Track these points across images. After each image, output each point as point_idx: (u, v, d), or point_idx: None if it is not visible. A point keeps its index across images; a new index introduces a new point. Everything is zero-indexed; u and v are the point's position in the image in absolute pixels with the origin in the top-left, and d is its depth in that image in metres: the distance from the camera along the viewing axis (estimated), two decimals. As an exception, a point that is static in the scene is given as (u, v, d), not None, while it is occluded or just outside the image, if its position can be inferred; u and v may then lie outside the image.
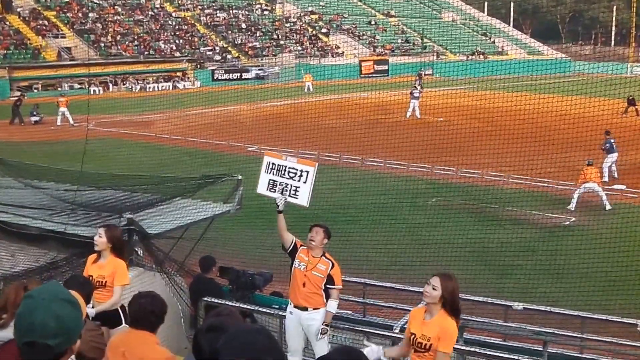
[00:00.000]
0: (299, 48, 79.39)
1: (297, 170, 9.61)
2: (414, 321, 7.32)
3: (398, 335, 9.63)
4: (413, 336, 7.19)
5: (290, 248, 9.64)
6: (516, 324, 11.44)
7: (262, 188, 9.98)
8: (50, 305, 3.06)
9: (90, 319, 8.70)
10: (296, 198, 9.60)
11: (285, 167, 9.71)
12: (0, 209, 12.55)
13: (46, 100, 45.81)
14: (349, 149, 29.33)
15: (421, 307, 7.57)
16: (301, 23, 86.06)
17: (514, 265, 16.93)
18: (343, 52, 79.20)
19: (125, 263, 9.45)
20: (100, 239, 9.11)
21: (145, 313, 6.02)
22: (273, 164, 9.89)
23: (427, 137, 26.22)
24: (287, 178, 9.66)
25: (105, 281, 9.05)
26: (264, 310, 11.02)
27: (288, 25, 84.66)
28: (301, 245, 9.56)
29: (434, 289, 7.03)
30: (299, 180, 9.56)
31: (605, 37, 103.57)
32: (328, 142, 28.80)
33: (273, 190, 9.75)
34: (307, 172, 9.59)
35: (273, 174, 9.81)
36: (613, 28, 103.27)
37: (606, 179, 25.79)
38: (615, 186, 24.96)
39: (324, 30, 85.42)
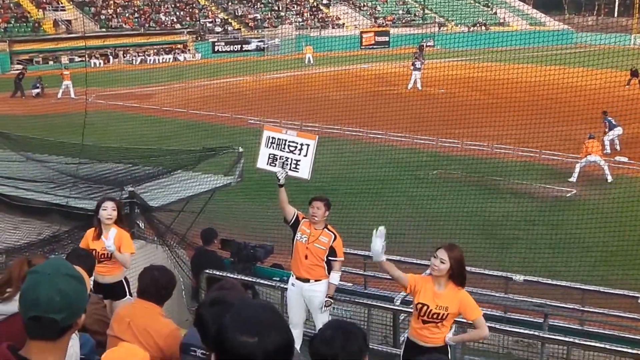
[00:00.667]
0: (300, 19, 78.93)
1: (297, 143, 9.56)
2: (424, 292, 7.33)
3: (399, 308, 9.71)
4: (425, 307, 7.25)
5: (292, 220, 9.64)
6: (517, 296, 11.46)
7: (262, 163, 9.94)
8: (55, 280, 3.07)
9: (109, 254, 8.89)
10: (297, 172, 9.57)
11: (285, 140, 9.66)
12: (3, 182, 12.59)
13: (47, 73, 45.77)
14: (350, 121, 29.24)
15: (425, 277, 7.62)
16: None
17: (515, 237, 17.00)
18: (344, 24, 78.67)
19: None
20: (114, 212, 9.12)
21: (156, 286, 6.04)
22: (273, 138, 9.84)
23: (429, 109, 26.20)
24: (287, 152, 9.62)
25: (111, 253, 9.05)
26: (266, 282, 11.05)
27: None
28: (303, 218, 9.56)
29: (442, 262, 7.12)
30: (299, 154, 9.53)
31: (608, 7, 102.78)
32: (329, 114, 28.81)
33: (273, 165, 9.72)
34: (308, 145, 9.55)
35: (273, 148, 9.77)
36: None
37: (608, 150, 25.88)
38: (617, 158, 24.95)
39: (324, 2, 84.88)
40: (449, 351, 7.49)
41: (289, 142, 9.60)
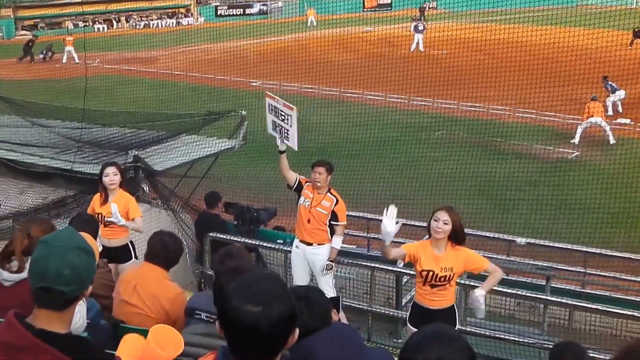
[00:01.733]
0: (302, -18, 78.55)
1: (284, 113, 9.54)
2: (425, 258, 7.34)
3: (403, 270, 9.77)
4: (431, 272, 7.28)
5: (295, 185, 9.69)
6: (519, 258, 11.55)
7: (270, 128, 9.90)
8: (65, 253, 3.10)
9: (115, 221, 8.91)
10: (288, 140, 9.59)
11: (278, 109, 9.65)
12: (9, 147, 12.66)
13: (52, 39, 45.88)
14: (352, 83, 29.12)
15: (423, 243, 7.62)
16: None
17: (517, 198, 17.04)
18: (347, -14, 78.31)
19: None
20: (117, 177, 9.15)
21: (166, 251, 6.11)
22: (271, 105, 9.85)
23: (431, 71, 26.08)
24: (280, 120, 9.64)
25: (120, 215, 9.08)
26: (269, 245, 11.12)
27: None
28: (306, 182, 9.61)
29: (445, 223, 7.15)
30: (287, 124, 9.52)
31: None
32: (331, 77, 28.66)
33: (276, 131, 9.77)
34: (290, 116, 9.50)
35: (273, 115, 9.79)
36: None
37: (610, 112, 25.80)
38: (620, 120, 24.91)
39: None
40: (456, 311, 7.55)
41: (280, 110, 9.57)
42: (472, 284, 8.61)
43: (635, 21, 34.89)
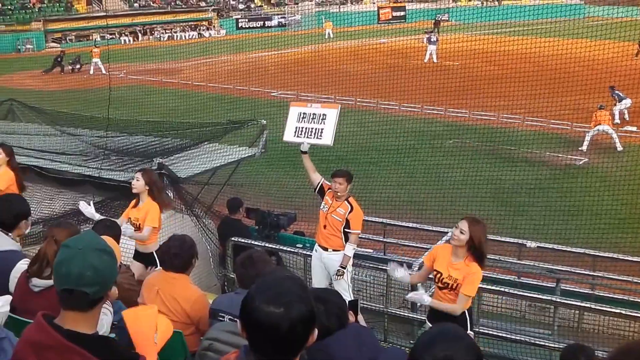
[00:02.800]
0: (320, -4, 79.13)
1: (322, 114, 9.88)
2: (441, 259, 7.46)
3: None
4: (439, 274, 7.40)
5: (317, 189, 9.94)
6: (530, 261, 11.68)
7: (288, 135, 10.21)
8: (87, 255, 3.17)
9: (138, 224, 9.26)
10: (320, 139, 9.86)
11: (312, 113, 10.00)
12: (39, 155, 12.97)
13: (79, 50, 46.66)
14: (367, 93, 29.47)
15: (446, 245, 7.77)
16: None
17: (528, 204, 17.16)
18: (362, 0, 78.74)
19: (163, 205, 9.68)
20: (138, 182, 9.37)
21: (170, 256, 6.26)
22: (299, 112, 10.17)
23: (444, 81, 26.31)
24: (312, 123, 9.94)
25: (140, 223, 9.37)
26: (289, 249, 11.35)
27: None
28: (328, 188, 9.79)
29: (462, 232, 7.16)
30: (322, 123, 9.84)
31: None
32: (347, 87, 28.91)
33: (301, 136, 10.07)
34: (331, 113, 9.86)
35: (299, 121, 10.10)
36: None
37: (617, 120, 25.96)
38: (627, 127, 25.09)
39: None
40: (467, 317, 7.49)
41: (314, 114, 9.92)
42: (488, 287, 8.88)
43: (640, 32, 34.95)
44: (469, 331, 7.47)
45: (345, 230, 9.64)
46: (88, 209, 9.13)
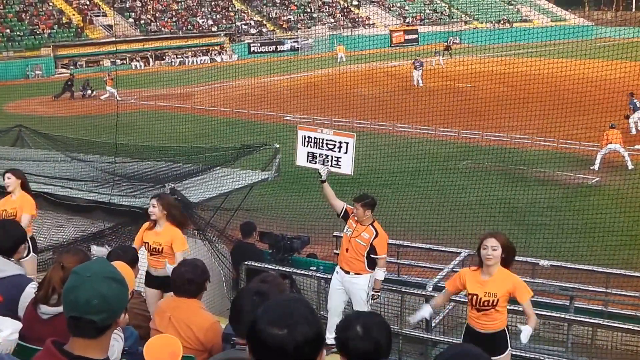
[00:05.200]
0: (332, 20, 79.52)
1: (336, 141, 9.92)
2: (471, 283, 7.51)
3: (431, 294, 9.93)
4: (475, 297, 7.42)
5: (342, 214, 9.95)
6: (544, 280, 11.64)
7: (301, 160, 10.28)
8: (94, 284, 3.15)
9: (160, 248, 9.27)
10: (339, 168, 9.93)
11: (323, 139, 10.00)
12: (49, 182, 12.93)
13: (89, 76, 46.81)
14: (380, 115, 29.42)
15: (473, 269, 7.74)
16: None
17: (541, 223, 17.16)
18: (374, 23, 79.23)
19: (184, 225, 9.75)
20: (155, 209, 9.36)
21: (183, 281, 6.18)
22: (309, 137, 10.18)
23: (457, 103, 26.36)
24: (326, 150, 9.96)
25: (162, 248, 9.35)
26: (302, 272, 11.30)
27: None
28: (352, 212, 9.78)
29: (494, 249, 7.25)
30: (339, 151, 9.87)
31: (626, 2, 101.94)
32: (360, 110, 29.05)
33: (313, 162, 10.06)
34: (347, 142, 9.91)
35: (310, 146, 10.10)
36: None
37: (633, 132, 26.60)
38: (638, 146, 25.01)
39: (355, 3, 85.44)
40: (507, 335, 7.60)
41: (327, 140, 9.94)
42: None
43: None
44: (509, 349, 7.64)
45: (371, 255, 9.64)
46: (102, 250, 9.12)
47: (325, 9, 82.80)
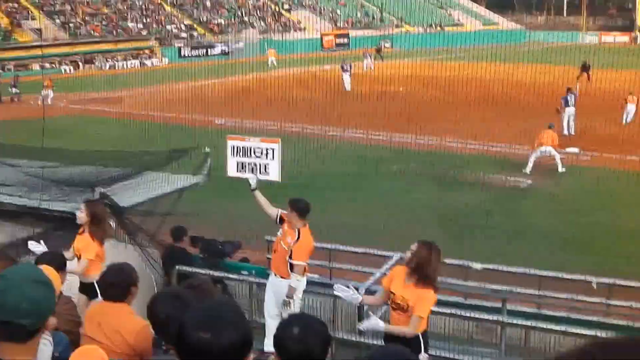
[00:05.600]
0: (262, 24, 79.50)
1: (262, 148, 9.98)
2: (397, 280, 7.48)
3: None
4: (393, 295, 7.41)
5: (278, 220, 9.90)
6: (476, 283, 11.80)
7: (232, 171, 10.34)
8: (23, 287, 3.12)
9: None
10: (267, 175, 9.97)
11: (250, 147, 10.06)
12: (-24, 188, 12.73)
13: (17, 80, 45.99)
14: (312, 120, 29.58)
15: (404, 267, 7.66)
16: (264, 0, 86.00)
17: (473, 226, 17.17)
18: (305, 27, 79.39)
19: (100, 237, 9.62)
20: (81, 214, 9.40)
21: (107, 285, 6.11)
22: (237, 147, 10.23)
23: (388, 107, 26.54)
24: (254, 157, 10.01)
25: (80, 254, 9.39)
26: (234, 276, 11.31)
27: (251, 2, 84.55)
28: (287, 217, 9.75)
29: (411, 252, 7.28)
30: (266, 158, 9.92)
31: (557, 7, 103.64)
32: (292, 114, 29.12)
33: (243, 171, 10.10)
34: (273, 149, 9.98)
35: (239, 156, 10.16)
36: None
37: (565, 133, 26.84)
38: (569, 149, 25.46)
39: (286, 7, 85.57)
40: (420, 340, 7.41)
41: (254, 148, 9.98)
42: (435, 309, 8.89)
43: (582, 56, 35.76)
44: (422, 354, 7.42)
45: (289, 260, 9.52)
46: (39, 247, 8.99)
47: (256, 12, 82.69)
